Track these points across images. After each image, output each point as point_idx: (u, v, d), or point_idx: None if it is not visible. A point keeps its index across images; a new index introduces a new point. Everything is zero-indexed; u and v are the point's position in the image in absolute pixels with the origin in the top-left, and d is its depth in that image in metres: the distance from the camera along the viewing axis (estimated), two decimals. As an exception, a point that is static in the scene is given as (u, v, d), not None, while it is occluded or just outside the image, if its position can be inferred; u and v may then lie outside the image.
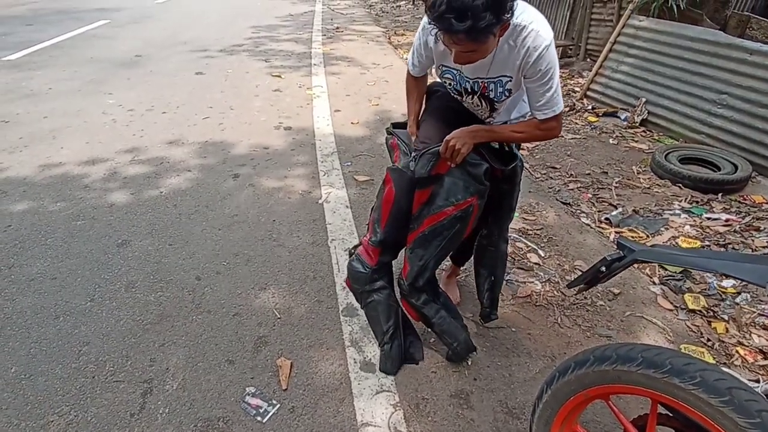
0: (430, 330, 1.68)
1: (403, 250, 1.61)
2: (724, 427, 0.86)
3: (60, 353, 1.72)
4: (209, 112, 4.10)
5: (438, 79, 1.54)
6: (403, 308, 1.66)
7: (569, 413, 1.16)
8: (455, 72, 1.41)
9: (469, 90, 1.43)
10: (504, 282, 2.09)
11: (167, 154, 3.31)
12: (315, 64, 5.66)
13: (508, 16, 1.10)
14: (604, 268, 1.05)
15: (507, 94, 1.40)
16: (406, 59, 1.57)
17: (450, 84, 1.47)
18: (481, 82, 1.38)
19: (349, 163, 3.21)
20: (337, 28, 7.98)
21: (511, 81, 1.35)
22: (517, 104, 1.54)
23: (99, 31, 7.33)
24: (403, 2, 10.88)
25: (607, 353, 1.05)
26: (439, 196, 1.43)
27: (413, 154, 1.47)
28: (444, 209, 1.42)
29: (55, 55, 5.77)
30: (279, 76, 5.19)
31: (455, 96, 1.51)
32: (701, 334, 1.84)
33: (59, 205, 2.65)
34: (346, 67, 5.60)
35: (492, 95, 1.42)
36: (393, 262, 1.67)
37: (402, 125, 1.65)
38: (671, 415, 1.09)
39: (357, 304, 1.77)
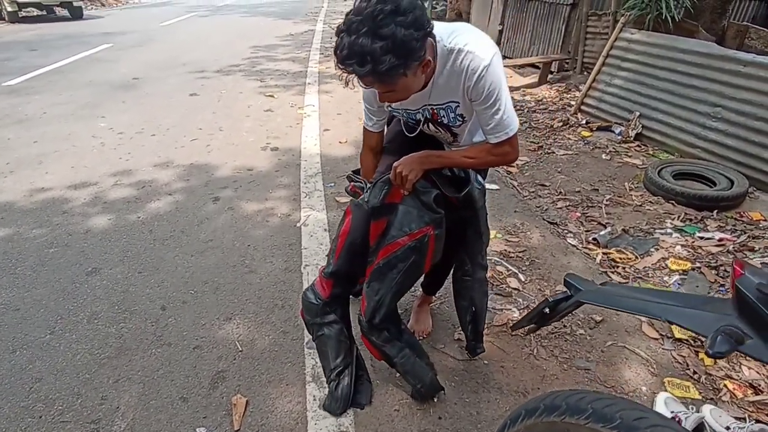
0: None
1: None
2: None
3: (11, 390, 1.66)
4: (198, 134, 4.09)
5: None
6: (365, 346, 1.57)
7: (522, 467, 1.06)
8: (400, 110, 1.38)
9: (422, 119, 1.38)
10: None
11: (151, 177, 3.29)
12: (309, 83, 5.67)
13: (420, 54, 1.06)
14: (547, 310, 0.96)
15: (461, 119, 1.34)
16: (364, 121, 1.51)
17: (403, 119, 1.42)
18: (430, 108, 1.32)
19: (332, 184, 3.15)
20: (336, 46, 8.03)
21: (459, 106, 1.29)
22: (479, 128, 1.47)
23: (101, 54, 7.47)
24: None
25: (556, 402, 0.95)
26: (393, 226, 1.37)
27: (368, 185, 1.42)
28: (397, 239, 1.35)
29: (54, 80, 5.87)
30: (272, 96, 5.20)
31: (413, 125, 1.45)
32: (687, 365, 1.72)
33: (35, 232, 2.62)
34: (340, 86, 5.59)
35: (445, 121, 1.36)
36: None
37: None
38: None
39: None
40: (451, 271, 1.64)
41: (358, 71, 1.04)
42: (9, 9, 10.87)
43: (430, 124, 1.41)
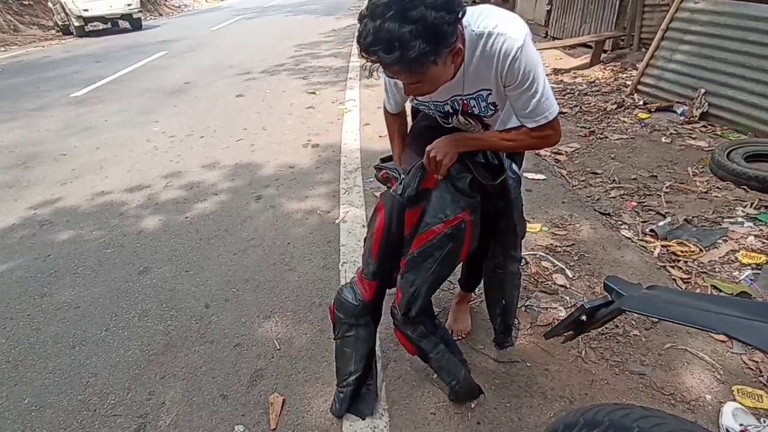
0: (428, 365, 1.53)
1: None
2: None
3: (70, 384, 1.77)
4: (243, 134, 4.20)
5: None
6: (398, 340, 1.52)
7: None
8: (427, 102, 1.30)
9: (451, 111, 1.30)
10: (523, 308, 1.90)
11: (199, 178, 3.41)
12: (351, 78, 5.67)
13: (452, 40, 0.97)
14: (584, 317, 0.87)
15: (492, 108, 1.25)
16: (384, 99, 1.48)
17: (430, 112, 1.34)
18: (460, 99, 1.24)
19: (371, 179, 3.12)
20: (378, 39, 7.98)
21: (491, 94, 1.20)
22: (512, 115, 1.37)
23: (157, 62, 7.87)
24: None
25: (598, 417, 0.87)
26: (428, 213, 1.30)
27: (402, 176, 1.36)
28: (432, 227, 1.28)
29: (114, 89, 6.26)
30: (314, 93, 5.24)
31: (441, 119, 1.38)
32: (761, 372, 1.53)
33: (95, 234, 2.80)
34: (381, 79, 5.53)
35: (476, 111, 1.27)
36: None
37: (390, 159, 1.55)
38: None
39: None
40: (483, 263, 1.55)
41: (384, 59, 0.94)
42: (76, 24, 11.71)
43: (460, 116, 1.33)
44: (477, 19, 1.11)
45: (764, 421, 1.32)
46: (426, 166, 1.25)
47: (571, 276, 2.06)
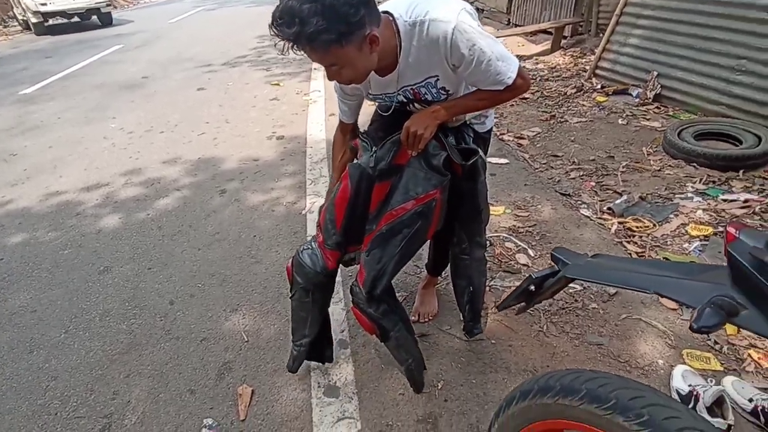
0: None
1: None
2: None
3: (28, 389, 1.71)
4: (205, 128, 4.10)
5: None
6: (355, 317, 1.45)
7: (518, 450, 1.02)
8: (381, 96, 1.31)
9: (405, 100, 1.31)
10: (487, 288, 1.94)
11: (160, 174, 3.32)
12: (314, 68, 5.59)
13: (355, 21, 0.99)
14: (533, 287, 0.90)
15: (444, 92, 1.26)
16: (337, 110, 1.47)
17: (386, 103, 1.35)
18: (410, 89, 1.25)
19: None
20: (342, 28, 7.90)
21: (439, 79, 1.21)
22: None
23: (111, 56, 7.56)
24: None
25: (550, 383, 0.90)
26: (398, 190, 1.30)
27: (374, 147, 1.33)
28: (403, 204, 1.28)
29: (66, 85, 5.98)
30: (278, 84, 5.16)
31: (399, 108, 1.38)
32: (708, 336, 1.62)
33: (51, 235, 2.69)
34: (346, 68, 5.50)
35: (429, 98, 1.28)
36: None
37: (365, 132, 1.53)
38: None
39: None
40: (450, 250, 1.57)
41: (285, 33, 0.98)
42: (34, 20, 10.40)
43: (416, 104, 1.34)
44: (408, 9, 1.12)
45: (711, 381, 1.41)
46: (403, 142, 1.25)
47: (533, 255, 2.12)
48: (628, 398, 0.77)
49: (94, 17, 11.06)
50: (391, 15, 1.13)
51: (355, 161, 1.39)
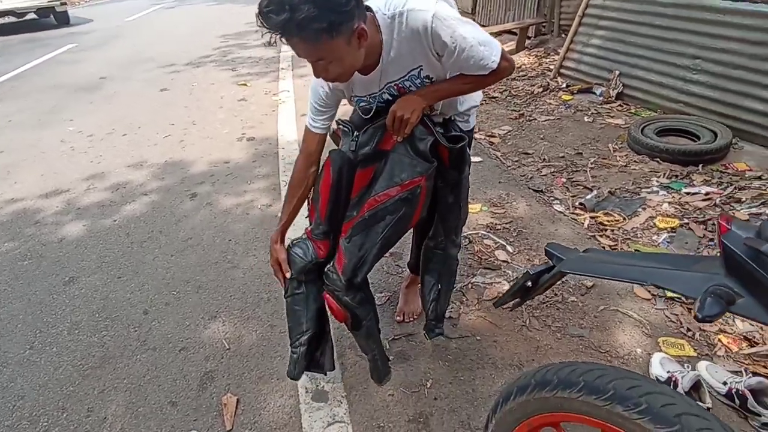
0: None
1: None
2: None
3: (-8, 411, 1.60)
4: (171, 130, 3.96)
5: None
6: (329, 305, 1.41)
7: (516, 445, 1.04)
8: (365, 97, 1.28)
9: (390, 98, 1.29)
10: (470, 285, 1.97)
11: (125, 179, 3.18)
12: (283, 68, 5.51)
13: (345, 19, 0.98)
14: (530, 283, 0.91)
15: (428, 80, 1.25)
16: (307, 122, 1.37)
17: (369, 106, 1.32)
18: (394, 85, 1.24)
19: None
20: (308, 28, 7.81)
21: (423, 68, 1.20)
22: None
23: (65, 56, 7.19)
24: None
25: (547, 377, 0.92)
26: (383, 176, 1.27)
27: (355, 132, 1.30)
28: (387, 190, 1.25)
29: (15, 86, 5.65)
30: (245, 84, 5.05)
31: (382, 106, 1.36)
32: (681, 323, 1.70)
33: (7, 246, 2.53)
34: (315, 68, 5.44)
35: (413, 90, 1.28)
36: None
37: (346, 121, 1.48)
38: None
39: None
40: (424, 243, 1.55)
41: (275, 21, 0.94)
42: None
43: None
44: (386, 3, 1.11)
45: (688, 366, 1.47)
46: (389, 127, 1.23)
47: (511, 251, 2.16)
48: (625, 388, 0.79)
49: (51, 16, 10.42)
50: (371, 10, 1.11)
51: (337, 148, 1.36)
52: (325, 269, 1.35)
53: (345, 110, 1.45)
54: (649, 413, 0.74)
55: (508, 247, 2.18)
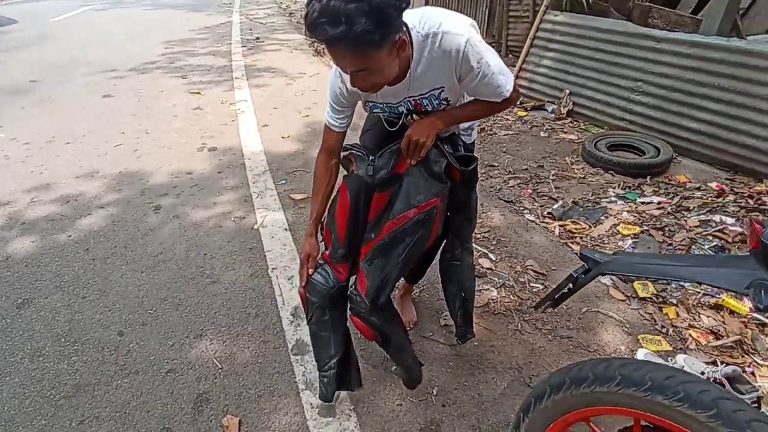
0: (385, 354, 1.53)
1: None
2: (714, 443, 0.80)
3: (-53, 454, 1.41)
4: (122, 139, 3.72)
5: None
6: (356, 326, 1.41)
7: (550, 441, 1.08)
8: (381, 104, 1.30)
9: (405, 111, 1.32)
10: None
11: (76, 190, 2.94)
12: (237, 78, 5.37)
13: (396, 25, 1.00)
14: (571, 285, 0.97)
15: (445, 103, 1.30)
16: (326, 120, 1.39)
17: (383, 116, 1.35)
18: (412, 100, 1.27)
19: (284, 181, 3.01)
20: (258, 38, 7.68)
21: (444, 90, 1.25)
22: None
23: (-16, 56, 6.53)
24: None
25: (582, 374, 0.97)
26: (399, 198, 1.29)
27: (371, 157, 1.33)
28: (404, 213, 1.28)
29: (-71, 88, 5.04)
30: (198, 93, 4.86)
31: (395, 119, 1.39)
32: (655, 321, 1.85)
33: (-60, 266, 2.24)
34: (271, 79, 5.36)
35: (429, 109, 1.31)
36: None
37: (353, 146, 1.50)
38: (652, 427, 1.03)
39: (308, 339, 1.59)
40: (439, 257, 1.61)
41: (329, 33, 0.93)
42: None
43: (413, 115, 1.36)
44: (421, 21, 1.15)
45: (670, 360, 1.60)
46: (404, 151, 1.26)
47: (494, 259, 2.25)
48: (663, 378, 0.86)
49: None
50: (406, 25, 1.14)
51: (351, 173, 1.38)
52: (348, 293, 1.37)
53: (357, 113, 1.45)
54: (688, 400, 0.81)
55: (491, 255, 2.27)
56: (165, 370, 1.68)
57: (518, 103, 4.29)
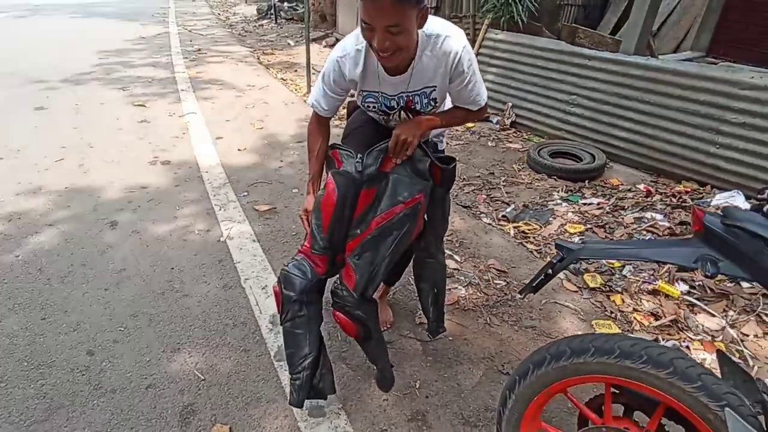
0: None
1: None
2: (672, 395, 0.95)
3: None
4: (63, 153, 3.52)
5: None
6: (339, 322, 1.45)
7: (534, 413, 1.21)
8: (377, 93, 1.41)
9: (395, 107, 1.43)
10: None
11: (19, 208, 2.75)
12: (183, 90, 5.24)
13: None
14: (550, 271, 1.11)
15: (433, 103, 1.42)
16: (312, 103, 1.48)
17: (374, 107, 1.45)
18: (406, 96, 1.39)
19: (246, 194, 3.00)
20: (199, 49, 7.51)
21: (435, 90, 1.37)
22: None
23: None
24: (265, 21, 10.66)
25: (561, 349, 1.11)
26: (386, 196, 1.39)
27: (359, 155, 1.41)
28: (392, 208, 1.37)
29: None
30: (143, 105, 4.69)
31: (381, 116, 1.50)
32: (605, 308, 2.07)
33: None
34: (219, 91, 5.28)
35: (418, 107, 1.43)
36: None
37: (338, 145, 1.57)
38: (618, 392, 1.18)
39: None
40: (414, 256, 1.71)
41: None
42: None
43: (402, 113, 1.47)
44: (427, 24, 1.28)
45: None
46: (391, 150, 1.36)
47: (459, 260, 2.39)
48: (629, 346, 1.01)
49: None
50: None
51: (338, 169, 1.45)
52: (333, 288, 1.43)
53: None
54: (650, 362, 0.97)
55: (456, 257, 2.41)
56: (144, 385, 1.64)
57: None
